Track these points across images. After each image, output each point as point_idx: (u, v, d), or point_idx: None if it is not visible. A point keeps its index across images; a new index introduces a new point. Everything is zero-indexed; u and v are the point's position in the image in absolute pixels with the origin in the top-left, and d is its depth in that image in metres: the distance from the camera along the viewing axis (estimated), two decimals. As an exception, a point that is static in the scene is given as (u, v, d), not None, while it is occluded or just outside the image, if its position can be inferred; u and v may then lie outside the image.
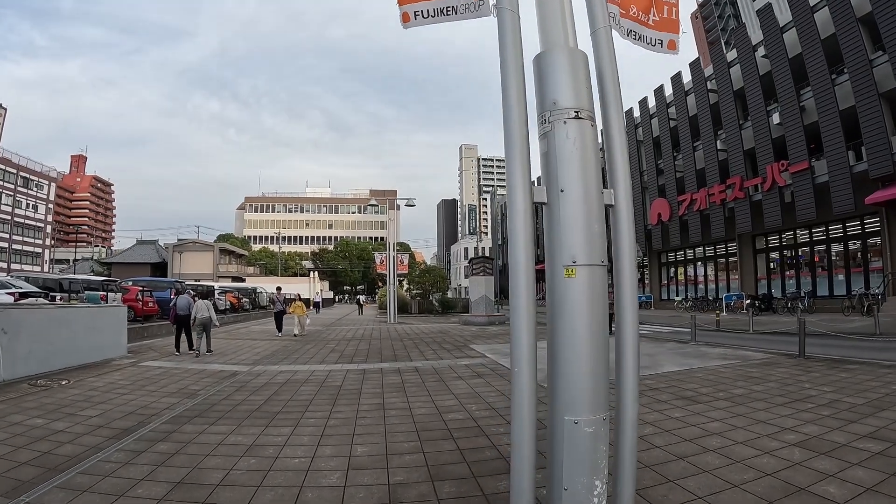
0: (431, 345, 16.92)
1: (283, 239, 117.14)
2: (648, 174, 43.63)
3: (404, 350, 15.45)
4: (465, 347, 15.74)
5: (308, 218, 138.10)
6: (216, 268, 74.84)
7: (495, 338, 19.08)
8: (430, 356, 13.93)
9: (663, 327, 23.75)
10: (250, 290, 48.52)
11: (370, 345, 17.17)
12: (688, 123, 37.99)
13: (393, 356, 14.09)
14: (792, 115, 29.38)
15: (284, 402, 8.47)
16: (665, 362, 12.00)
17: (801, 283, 31.28)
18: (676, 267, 44.03)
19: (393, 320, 31.59)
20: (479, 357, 13.48)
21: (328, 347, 16.58)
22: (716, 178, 35.10)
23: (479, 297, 28.64)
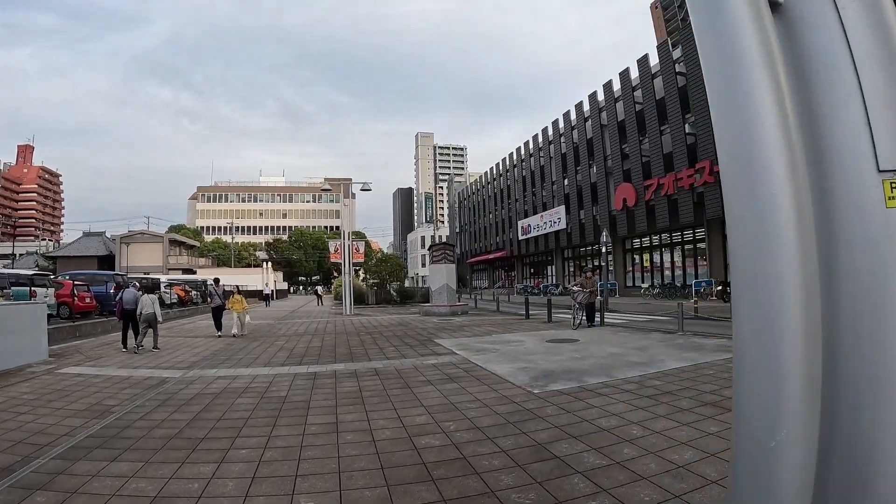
0: (392, 339, 15.06)
1: (236, 229, 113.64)
2: (613, 159, 42.34)
3: (361, 347, 13.53)
4: (430, 342, 13.94)
5: (262, 207, 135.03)
6: (166, 260, 71.64)
7: (461, 330, 17.29)
8: (392, 354, 12.09)
9: (637, 315, 22.35)
10: (200, 282, 45.84)
11: (323, 341, 15.18)
12: (655, 107, 36.74)
13: (349, 355, 12.18)
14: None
15: (214, 421, 6.55)
16: (663, 356, 10.54)
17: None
18: (642, 253, 42.95)
19: (349, 312, 29.55)
20: (447, 354, 11.70)
21: (277, 345, 14.51)
22: (684, 163, 33.93)
23: (440, 286, 26.85)
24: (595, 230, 44.85)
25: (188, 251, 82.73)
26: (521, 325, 18.38)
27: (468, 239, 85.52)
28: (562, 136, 51.51)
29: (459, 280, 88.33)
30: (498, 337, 14.76)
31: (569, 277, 54.17)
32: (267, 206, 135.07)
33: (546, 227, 53.40)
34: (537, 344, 12.87)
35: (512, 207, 65.00)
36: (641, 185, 37.92)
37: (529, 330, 16.69)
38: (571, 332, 15.26)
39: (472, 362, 10.45)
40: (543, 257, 60.32)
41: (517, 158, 63.32)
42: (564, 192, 50.84)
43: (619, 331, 15.71)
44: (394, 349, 12.87)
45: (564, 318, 21.50)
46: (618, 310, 26.12)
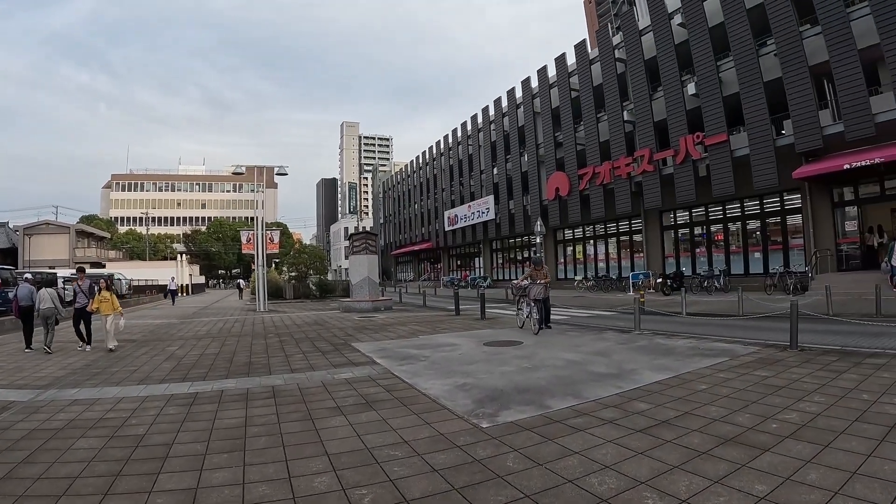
0: (303, 342, 12.65)
1: (152, 220, 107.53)
2: (545, 147, 40.64)
3: (265, 353, 11.02)
4: (346, 347, 11.57)
5: (180, 197, 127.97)
6: (72, 252, 66.18)
7: (384, 330, 14.98)
8: (299, 363, 9.66)
9: (578, 311, 20.51)
10: (105, 276, 41.60)
11: (223, 346, 12.54)
12: (591, 94, 35.19)
13: (247, 365, 9.64)
14: (710, 86, 27.22)
15: (30, 481, 4.14)
16: (633, 364, 8.59)
17: (714, 262, 29.36)
18: (575, 245, 41.54)
19: (263, 308, 26.58)
20: (365, 364, 9.36)
21: (167, 352, 11.74)
22: (622, 151, 32.51)
23: (361, 279, 24.40)
24: (525, 220, 43.22)
25: (98, 243, 77.05)
26: (452, 324, 16.24)
27: (393, 230, 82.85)
28: (492, 123, 49.56)
29: (384, 272, 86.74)
30: (427, 339, 12.69)
31: (497, 269, 52.51)
32: (185, 196, 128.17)
33: (474, 218, 51.43)
34: (475, 348, 10.76)
35: (439, 197, 62.81)
36: (576, 174, 36.33)
37: (462, 329, 14.56)
38: (512, 332, 13.31)
39: (397, 376, 8.18)
40: (471, 249, 58.42)
41: (444, 147, 61.10)
42: (493, 181, 48.95)
43: (567, 330, 13.73)
44: (302, 357, 10.45)
45: (499, 314, 19.48)
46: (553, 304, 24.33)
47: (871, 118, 21.05)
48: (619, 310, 20.20)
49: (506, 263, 51.63)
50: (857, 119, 21.40)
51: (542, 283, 13.32)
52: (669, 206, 30.55)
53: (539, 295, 13.15)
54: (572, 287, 35.33)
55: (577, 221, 37.65)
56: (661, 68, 29.64)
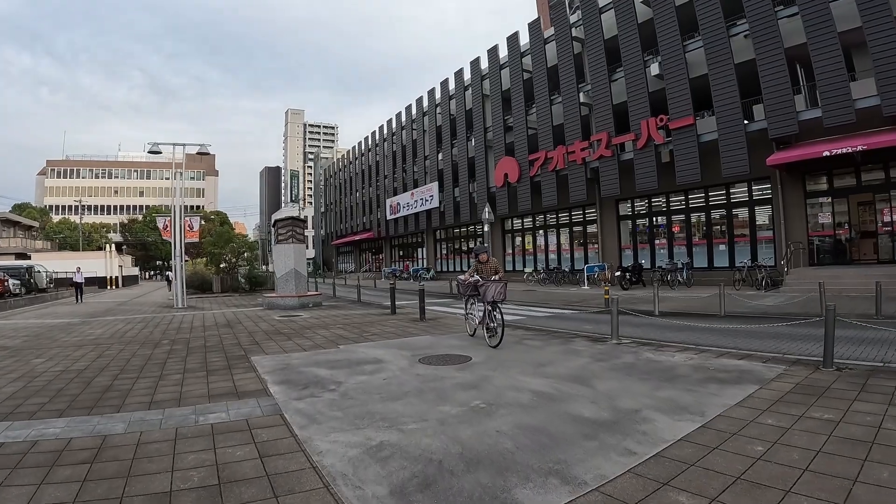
0: (195, 354, 9.67)
1: (88, 208, 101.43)
2: (494, 131, 38.07)
3: (138, 372, 7.99)
4: (243, 362, 8.70)
5: (117, 184, 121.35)
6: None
7: (300, 335, 12.00)
8: (168, 390, 6.74)
9: (532, 308, 17.95)
10: (23, 268, 37.39)
11: (99, 358, 9.42)
12: (545, 75, 32.75)
13: (103, 391, 6.73)
14: (675, 67, 25.15)
15: None
16: (630, 401, 5.90)
17: (675, 254, 27.32)
18: (524, 235, 39.04)
19: (181, 304, 23.07)
20: (252, 394, 6.45)
21: (28, 366, 8.73)
22: (577, 135, 30.15)
23: (286, 272, 21.13)
24: (472, 208, 40.67)
25: (25, 232, 71.43)
26: (385, 326, 13.34)
27: (334, 219, 79.41)
28: (438, 106, 46.78)
29: (325, 263, 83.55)
30: (347, 350, 9.84)
31: (441, 261, 49.86)
32: (123, 184, 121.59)
33: (417, 206, 48.61)
34: (406, 368, 7.91)
35: (381, 185, 59.69)
36: (526, 160, 33.87)
37: (395, 335, 11.71)
38: (456, 342, 10.54)
39: (286, 422, 5.33)
40: (414, 238, 55.61)
41: (388, 132, 57.95)
42: (438, 167, 46.22)
43: (525, 337, 10.94)
44: (179, 378, 7.53)
45: (442, 313, 16.72)
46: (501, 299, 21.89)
47: (850, 104, 19.48)
48: (579, 307, 17.83)
49: (450, 254, 49.02)
50: (837, 105, 19.78)
51: (497, 278, 10.32)
52: (628, 193, 28.40)
53: (498, 296, 10.02)
54: (521, 280, 32.90)
55: (528, 210, 35.17)
56: (623, 48, 27.46)
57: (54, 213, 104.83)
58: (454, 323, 13.67)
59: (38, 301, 31.95)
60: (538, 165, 32.69)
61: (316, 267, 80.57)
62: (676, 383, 6.56)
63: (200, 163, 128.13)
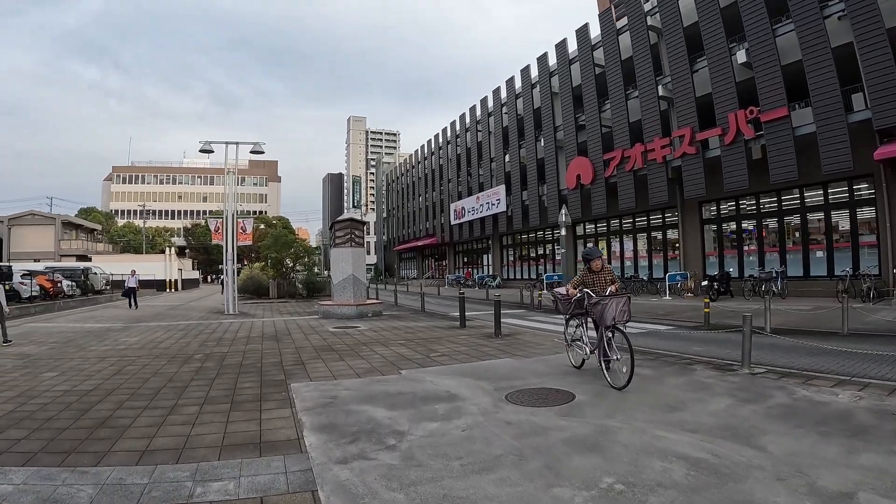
0: (226, 376, 8.68)
1: (152, 213, 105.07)
2: (565, 130, 36.84)
3: (148, 400, 6.99)
4: (279, 391, 7.51)
5: (181, 190, 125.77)
6: (58, 244, 63.66)
7: (354, 353, 10.90)
8: (170, 435, 5.43)
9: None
10: (79, 270, 38.65)
11: (114, 376, 8.69)
12: (619, 68, 31.43)
13: (94, 428, 5.70)
14: (764, 54, 23.47)
15: None
16: (833, 479, 4.05)
17: (766, 261, 25.51)
18: (597, 240, 37.57)
19: (231, 311, 22.71)
20: (279, 448, 5.00)
21: (37, 381, 8.31)
22: (657, 131, 28.74)
23: (344, 278, 20.27)
24: (541, 212, 39.55)
25: (87, 235, 74.21)
26: (455, 342, 12.18)
27: (396, 224, 79.29)
28: (503, 106, 45.76)
29: (386, 269, 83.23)
30: (411, 378, 8.34)
31: (507, 268, 48.66)
32: (186, 189, 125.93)
33: (483, 210, 47.70)
34: (490, 412, 6.21)
35: (444, 189, 59.10)
36: (600, 159, 32.57)
37: (468, 356, 10.30)
38: (545, 366, 9.01)
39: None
40: (479, 244, 54.74)
41: (451, 134, 57.33)
42: (505, 170, 45.21)
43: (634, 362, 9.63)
44: (192, 411, 6.43)
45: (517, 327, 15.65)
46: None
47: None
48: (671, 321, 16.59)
49: (517, 261, 47.84)
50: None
51: (613, 290, 7.79)
52: (714, 194, 26.74)
53: (622, 316, 7.40)
54: (595, 288, 31.51)
55: (602, 213, 33.86)
56: (705, 35, 25.92)
57: (119, 218, 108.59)
58: (535, 341, 12.39)
59: (91, 303, 33.09)
60: (614, 165, 31.35)
61: (377, 273, 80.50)
62: (871, 440, 4.97)
63: (263, 169, 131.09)
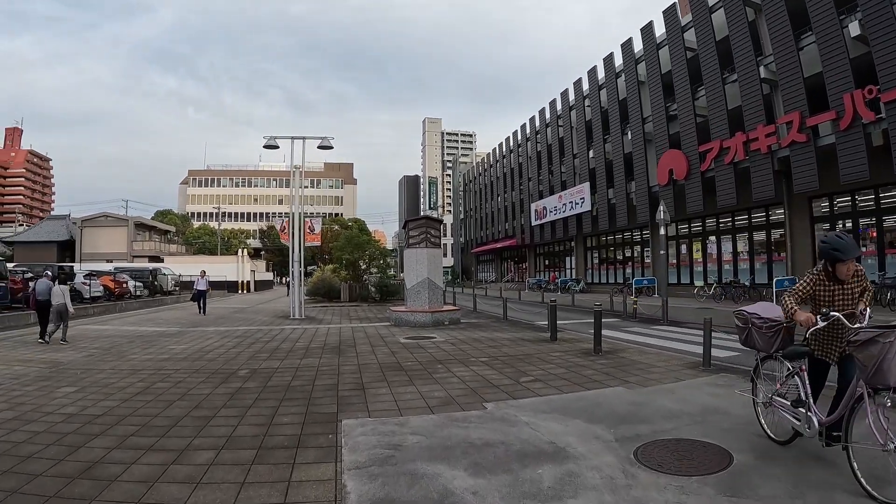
0: (265, 402, 7.51)
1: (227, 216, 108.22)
2: (654, 121, 34.86)
3: (155, 437, 5.82)
4: (324, 433, 6.04)
5: (257, 193, 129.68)
6: (130, 246, 65.83)
7: (426, 375, 9.42)
8: (166, 494, 4.30)
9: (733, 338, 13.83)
10: (147, 271, 39.64)
11: (129, 400, 7.58)
12: (714, 50, 29.26)
13: (69, 478, 4.58)
14: (883, 23, 20.96)
15: None
16: None
17: (887, 265, 22.90)
18: (691, 241, 35.32)
19: (297, 315, 22.07)
20: None
21: (18, 409, 7.17)
22: (759, 118, 26.46)
23: (419, 282, 19.05)
24: (629, 211, 37.66)
25: (160, 237, 76.60)
26: (548, 361, 10.56)
27: (474, 225, 78.42)
28: (586, 98, 43.97)
29: (464, 272, 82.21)
30: (500, 416, 6.60)
31: (592, 271, 46.69)
32: (262, 192, 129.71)
33: (565, 210, 45.95)
34: (619, 484, 4.43)
35: (524, 189, 57.75)
36: (695, 152, 30.43)
37: (567, 381, 8.68)
38: (665, 400, 7.25)
39: None
40: (561, 246, 52.96)
41: (531, 131, 55.93)
42: (589, 166, 43.44)
43: None
44: (206, 459, 5.16)
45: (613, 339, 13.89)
46: (679, 320, 18.72)
47: None
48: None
49: (603, 264, 45.93)
50: None
51: (866, 310, 4.81)
52: (827, 188, 24.26)
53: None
54: (690, 295, 29.44)
55: (698, 211, 31.64)
56: (811, 7, 23.52)
57: (195, 220, 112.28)
58: (646, 361, 10.44)
59: (156, 304, 33.75)
60: (711, 158, 29.18)
61: (454, 276, 79.83)
62: None
63: (338, 171, 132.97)
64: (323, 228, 40.94)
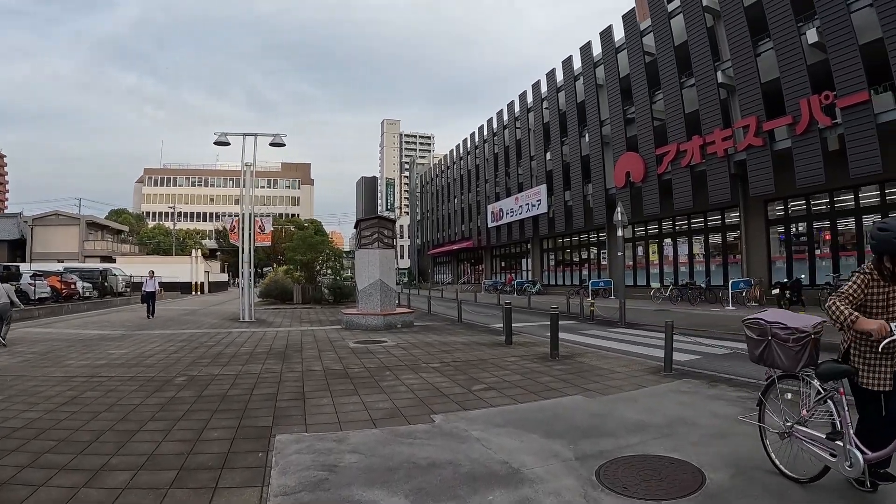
0: (196, 413, 6.83)
1: (183, 215, 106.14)
2: (612, 124, 34.99)
3: (76, 450, 5.21)
4: (255, 450, 5.41)
5: (213, 192, 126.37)
6: (82, 245, 63.72)
7: (375, 380, 9.06)
8: None
9: (696, 341, 13.57)
10: (97, 271, 38.06)
11: (48, 413, 6.78)
12: (673, 55, 29.50)
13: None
14: (839, 32, 21.33)
15: None
16: None
17: (841, 267, 23.25)
18: (647, 243, 35.56)
19: (247, 317, 21.36)
20: None
21: None
22: (717, 122, 26.77)
23: (370, 283, 18.39)
24: (586, 213, 37.72)
25: (113, 236, 74.56)
26: (503, 367, 10.12)
27: (431, 227, 78.22)
28: (544, 101, 44.05)
29: (421, 274, 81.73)
30: (449, 431, 6.09)
31: (548, 273, 46.76)
32: (218, 192, 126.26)
33: (522, 212, 45.99)
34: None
35: (481, 190, 57.68)
36: (652, 155, 30.65)
37: (523, 388, 8.24)
38: (628, 410, 6.81)
39: None
40: (518, 248, 52.94)
41: (488, 133, 55.79)
42: (546, 168, 43.42)
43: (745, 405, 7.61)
44: (110, 492, 4.23)
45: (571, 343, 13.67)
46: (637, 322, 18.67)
47: None
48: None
49: (559, 266, 45.99)
50: None
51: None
52: (783, 191, 24.63)
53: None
54: (647, 297, 29.63)
55: (654, 214, 31.86)
56: (770, 14, 23.93)
57: (150, 220, 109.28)
58: (605, 366, 10.15)
59: (105, 305, 32.54)
60: (668, 161, 29.41)
61: (411, 278, 79.51)
62: None
63: (296, 171, 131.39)
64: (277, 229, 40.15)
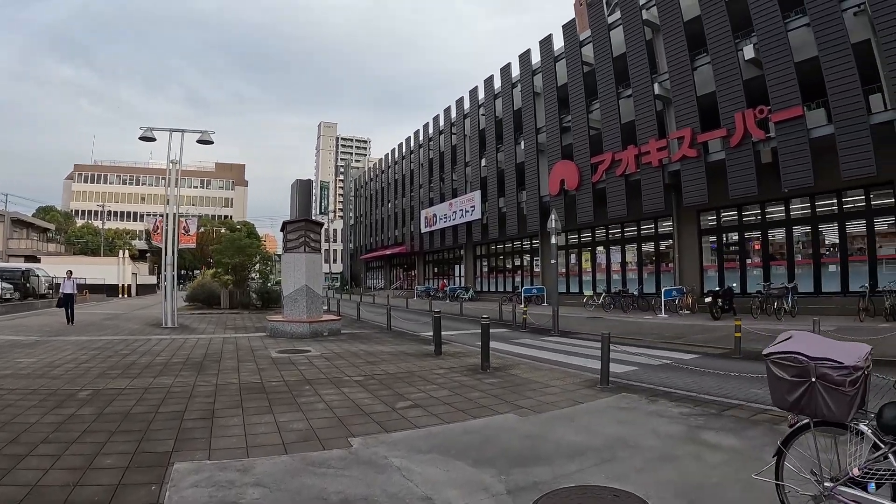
0: (92, 435, 5.94)
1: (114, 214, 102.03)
2: (548, 132, 35.02)
3: None
4: (148, 482, 4.51)
5: (144, 191, 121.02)
6: (6, 243, 59.96)
7: (293, 396, 8.26)
8: None
9: (629, 350, 12.52)
10: (19, 272, 35.59)
11: None
12: (611, 65, 29.72)
13: None
14: (776, 49, 21.84)
15: None
16: None
17: (772, 276, 23.67)
18: (581, 251, 35.63)
19: (169, 323, 19.96)
20: None
21: None
22: (652, 133, 26.99)
23: (297, 289, 17.50)
24: (520, 220, 37.57)
25: (39, 235, 70.58)
26: (431, 381, 9.41)
27: (364, 232, 77.27)
28: (481, 107, 43.88)
29: (353, 279, 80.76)
30: (367, 459, 5.30)
31: (481, 279, 46.53)
32: (150, 191, 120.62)
33: (456, 218, 45.66)
34: None
35: (415, 195, 57.11)
36: (587, 163, 30.74)
37: (452, 406, 7.59)
38: (565, 429, 6.26)
39: None
40: (451, 254, 52.49)
41: (424, 138, 55.37)
42: (481, 175, 43.27)
43: (693, 421, 6.62)
44: None
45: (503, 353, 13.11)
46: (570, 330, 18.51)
47: None
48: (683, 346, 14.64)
49: (492, 272, 45.78)
50: None
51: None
52: (716, 202, 24.99)
53: None
54: (579, 304, 29.60)
55: (589, 221, 31.92)
56: (708, 30, 24.28)
57: (80, 218, 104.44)
58: (539, 379, 9.62)
59: (25, 308, 30.36)
60: (603, 170, 29.49)
61: (343, 283, 78.46)
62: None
63: (230, 172, 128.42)
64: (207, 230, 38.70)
